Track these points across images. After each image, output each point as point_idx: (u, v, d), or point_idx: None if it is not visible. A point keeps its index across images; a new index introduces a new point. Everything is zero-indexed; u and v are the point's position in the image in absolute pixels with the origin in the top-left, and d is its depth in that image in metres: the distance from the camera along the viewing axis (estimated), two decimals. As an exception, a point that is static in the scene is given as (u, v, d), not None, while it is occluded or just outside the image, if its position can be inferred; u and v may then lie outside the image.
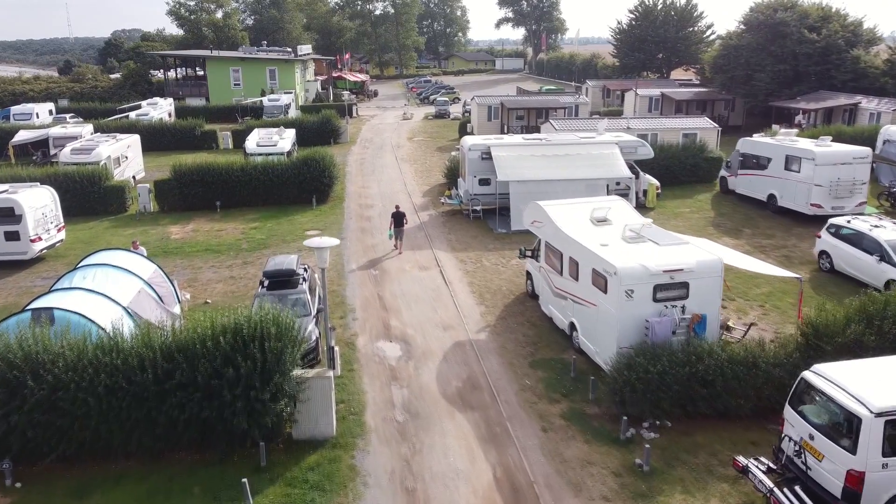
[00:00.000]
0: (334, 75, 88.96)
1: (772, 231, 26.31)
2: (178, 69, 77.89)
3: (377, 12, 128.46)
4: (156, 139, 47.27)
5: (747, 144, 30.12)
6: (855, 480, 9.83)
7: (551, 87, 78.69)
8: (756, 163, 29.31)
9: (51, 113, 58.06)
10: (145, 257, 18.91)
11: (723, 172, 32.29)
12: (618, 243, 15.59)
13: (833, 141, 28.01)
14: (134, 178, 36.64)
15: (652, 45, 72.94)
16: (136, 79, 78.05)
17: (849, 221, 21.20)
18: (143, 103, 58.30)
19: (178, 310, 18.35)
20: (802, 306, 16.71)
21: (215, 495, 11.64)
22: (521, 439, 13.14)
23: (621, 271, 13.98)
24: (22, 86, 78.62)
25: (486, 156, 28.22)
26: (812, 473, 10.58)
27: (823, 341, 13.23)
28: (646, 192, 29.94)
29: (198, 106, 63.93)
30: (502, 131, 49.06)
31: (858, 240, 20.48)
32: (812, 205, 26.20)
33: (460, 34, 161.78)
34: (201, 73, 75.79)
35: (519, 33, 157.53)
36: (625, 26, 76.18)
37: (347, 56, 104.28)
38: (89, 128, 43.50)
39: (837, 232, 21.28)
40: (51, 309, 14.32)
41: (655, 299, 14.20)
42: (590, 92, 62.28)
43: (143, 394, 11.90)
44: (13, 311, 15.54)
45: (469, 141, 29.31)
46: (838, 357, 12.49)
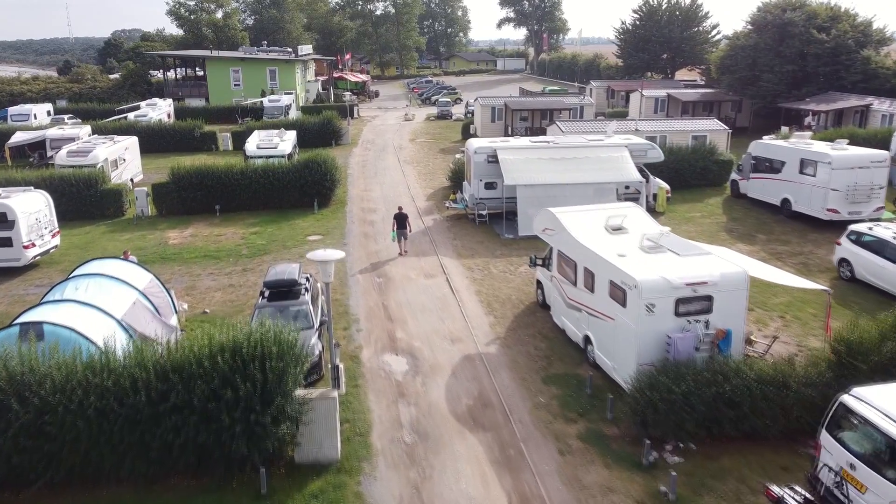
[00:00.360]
0: (335, 76, 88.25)
1: (787, 237, 25.57)
2: (178, 69, 77.16)
3: (378, 12, 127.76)
4: (154, 140, 46.57)
5: (760, 147, 29.37)
6: (903, 516, 9.11)
7: (554, 87, 78.00)
8: (769, 166, 28.56)
9: (49, 114, 57.34)
10: (140, 266, 18.14)
11: (734, 176, 31.55)
12: (636, 253, 14.85)
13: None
14: (132, 180, 35.90)
15: (656, 46, 72.17)
16: (135, 79, 77.33)
17: (870, 228, 20.46)
18: (142, 104, 57.58)
19: (174, 321, 17.61)
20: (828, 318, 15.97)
21: (213, 525, 10.94)
22: (537, 463, 12.40)
23: (642, 284, 13.25)
24: (20, 86, 77.90)
25: (493, 159, 27.50)
26: (854, 506, 9.86)
27: (857, 360, 12.49)
28: (656, 196, 29.20)
29: (197, 107, 63.17)
30: (506, 133, 48.40)
31: (881, 247, 19.72)
32: (828, 210, 25.45)
33: (461, 34, 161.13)
34: (201, 73, 75.07)
35: (520, 33, 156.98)
36: (629, 26, 75.38)
37: (348, 56, 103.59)
38: (87, 129, 42.77)
39: (859, 239, 20.53)
40: (40, 323, 13.59)
41: (677, 314, 13.46)
42: (594, 93, 61.51)
43: (136, 416, 11.17)
44: (1, 325, 14.81)
45: (475, 143, 28.58)
46: (873, 377, 11.80)
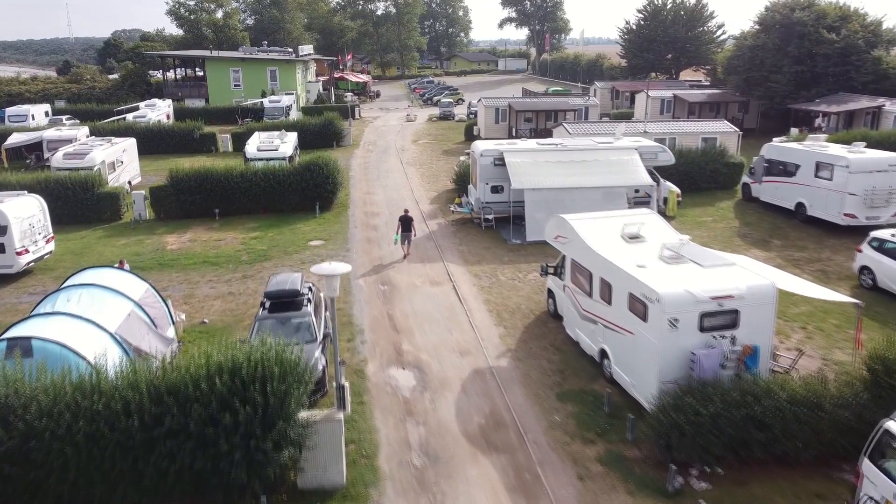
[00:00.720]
0: (336, 76, 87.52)
1: (803, 243, 24.83)
2: (178, 70, 76.41)
3: (379, 12, 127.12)
4: (153, 142, 45.90)
5: (773, 150, 28.64)
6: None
7: (557, 88, 77.30)
8: (783, 169, 27.83)
9: (47, 114, 56.62)
10: (135, 275, 17.40)
11: (746, 179, 30.82)
12: (656, 264, 14.11)
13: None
14: (130, 183, 35.19)
15: (661, 46, 71.42)
16: (134, 79, 76.60)
17: (893, 235, 19.71)
18: (141, 105, 56.86)
19: (171, 332, 16.90)
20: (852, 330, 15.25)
21: (210, 559, 10.21)
22: (555, 489, 11.66)
23: (665, 298, 12.51)
24: (19, 86, 77.16)
25: (499, 162, 26.79)
26: (901, 542, 9.13)
27: (896, 379, 11.77)
28: (666, 199, 28.47)
29: (197, 107, 62.42)
30: (510, 134, 47.70)
31: (905, 255, 19.01)
32: (845, 215, 24.71)
33: (462, 34, 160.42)
34: (201, 73, 74.36)
35: (522, 33, 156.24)
36: (633, 26, 74.69)
37: (349, 57, 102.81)
38: (85, 130, 42.05)
39: (881, 246, 19.78)
40: (28, 339, 12.86)
41: (702, 329, 12.71)
42: (598, 93, 60.78)
43: (129, 442, 10.43)
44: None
45: (481, 146, 27.84)
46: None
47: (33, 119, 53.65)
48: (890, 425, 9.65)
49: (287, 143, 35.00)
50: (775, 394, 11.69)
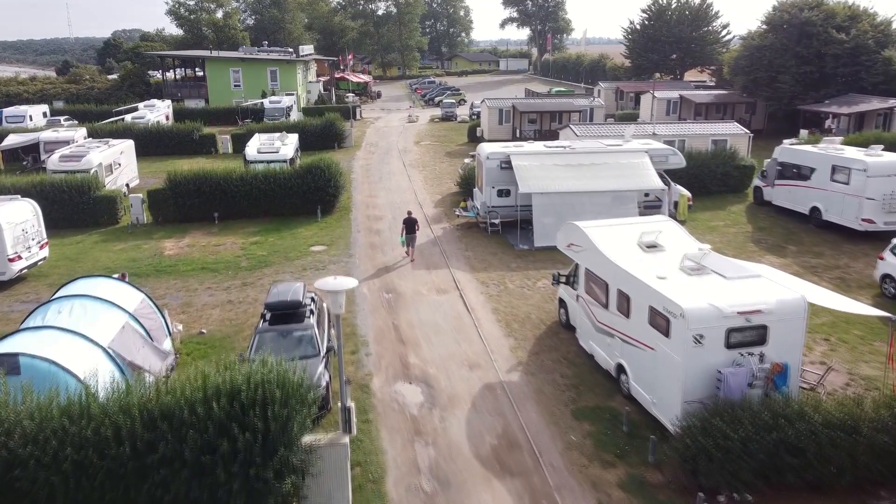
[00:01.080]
0: (337, 76, 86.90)
1: (819, 248, 24.12)
2: (177, 70, 75.69)
3: (380, 12, 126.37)
4: (152, 143, 45.24)
5: (787, 152, 27.93)
6: None
7: (561, 88, 76.68)
8: (797, 172, 27.12)
9: (45, 115, 55.94)
10: (131, 285, 16.70)
11: (757, 182, 30.10)
12: (677, 276, 13.41)
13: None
14: (127, 185, 34.50)
15: (665, 46, 70.67)
16: (133, 80, 75.89)
17: (917, 242, 19.05)
18: (140, 105, 56.17)
19: (168, 344, 16.20)
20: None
21: None
22: (575, 518, 10.99)
23: (689, 313, 11.80)
24: (17, 87, 76.47)
25: (506, 165, 26.12)
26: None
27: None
28: (676, 203, 27.76)
29: (197, 108, 61.69)
30: (514, 135, 47.02)
31: (930, 264, 18.32)
32: (863, 220, 24.01)
33: (463, 34, 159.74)
34: (200, 73, 73.67)
35: (523, 33, 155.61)
36: (637, 26, 73.95)
37: (350, 57, 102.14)
38: (82, 132, 41.36)
39: (905, 254, 19.12)
40: (16, 355, 12.14)
41: (728, 346, 12.01)
42: (602, 94, 60.10)
43: (120, 470, 9.72)
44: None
45: (487, 149, 27.15)
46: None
47: (31, 120, 52.97)
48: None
49: (288, 145, 34.28)
50: (809, 416, 10.99)
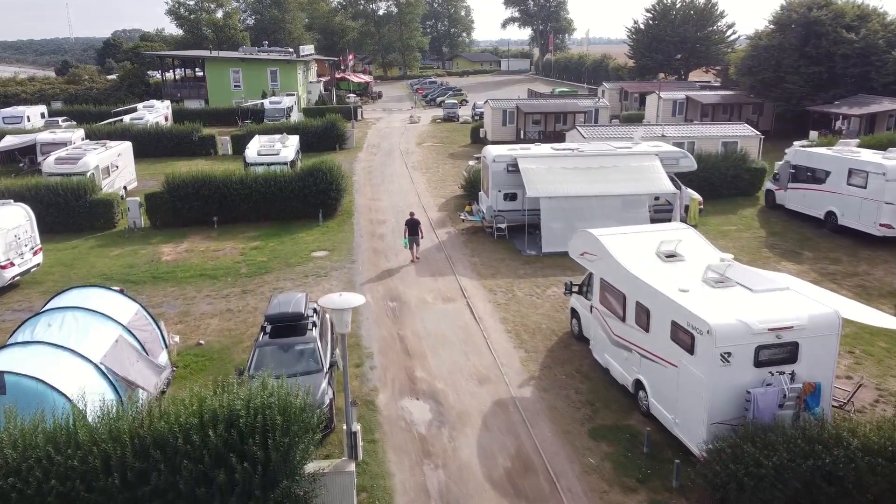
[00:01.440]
0: (337, 76, 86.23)
1: (836, 254, 23.42)
2: (177, 70, 74.99)
3: (380, 12, 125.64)
4: (151, 145, 44.54)
5: (800, 155, 27.22)
6: None
7: (564, 89, 76.01)
8: (811, 176, 26.41)
9: (42, 116, 55.28)
10: (125, 295, 16.00)
11: (769, 185, 29.39)
12: (700, 288, 12.70)
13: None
14: (125, 188, 33.83)
15: (670, 46, 69.87)
16: (132, 80, 75.25)
17: (943, 250, 18.35)
18: (139, 106, 55.47)
19: (164, 357, 15.51)
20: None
21: None
22: (596, 550, 10.29)
23: (716, 330, 11.10)
24: (15, 87, 75.82)
25: (513, 168, 25.41)
26: None
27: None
28: (687, 207, 27.05)
29: (196, 108, 61.00)
30: (518, 137, 46.33)
31: (958, 272, 17.62)
32: (881, 225, 23.30)
33: (464, 34, 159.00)
34: (200, 74, 72.97)
35: (525, 34, 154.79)
36: (641, 26, 73.22)
37: (351, 57, 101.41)
38: (80, 133, 40.70)
39: (930, 262, 18.41)
40: (1, 374, 11.47)
41: (757, 364, 11.33)
42: (606, 94, 59.35)
43: (109, 502, 9.04)
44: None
45: (493, 151, 26.44)
46: None
47: (28, 121, 52.33)
48: None
49: (289, 147, 33.57)
50: (847, 441, 10.28)
